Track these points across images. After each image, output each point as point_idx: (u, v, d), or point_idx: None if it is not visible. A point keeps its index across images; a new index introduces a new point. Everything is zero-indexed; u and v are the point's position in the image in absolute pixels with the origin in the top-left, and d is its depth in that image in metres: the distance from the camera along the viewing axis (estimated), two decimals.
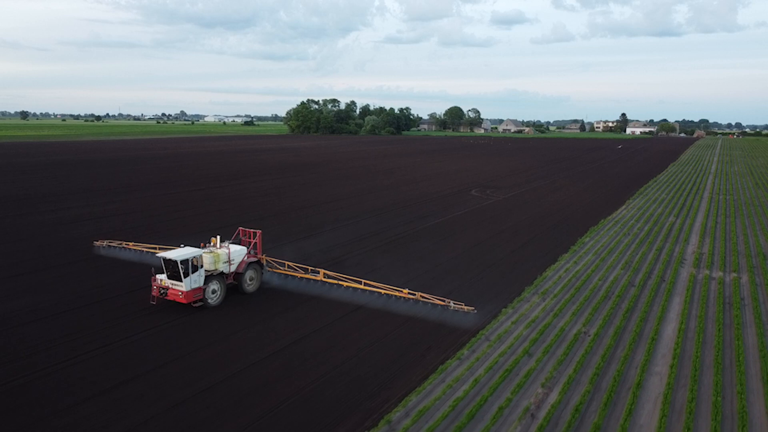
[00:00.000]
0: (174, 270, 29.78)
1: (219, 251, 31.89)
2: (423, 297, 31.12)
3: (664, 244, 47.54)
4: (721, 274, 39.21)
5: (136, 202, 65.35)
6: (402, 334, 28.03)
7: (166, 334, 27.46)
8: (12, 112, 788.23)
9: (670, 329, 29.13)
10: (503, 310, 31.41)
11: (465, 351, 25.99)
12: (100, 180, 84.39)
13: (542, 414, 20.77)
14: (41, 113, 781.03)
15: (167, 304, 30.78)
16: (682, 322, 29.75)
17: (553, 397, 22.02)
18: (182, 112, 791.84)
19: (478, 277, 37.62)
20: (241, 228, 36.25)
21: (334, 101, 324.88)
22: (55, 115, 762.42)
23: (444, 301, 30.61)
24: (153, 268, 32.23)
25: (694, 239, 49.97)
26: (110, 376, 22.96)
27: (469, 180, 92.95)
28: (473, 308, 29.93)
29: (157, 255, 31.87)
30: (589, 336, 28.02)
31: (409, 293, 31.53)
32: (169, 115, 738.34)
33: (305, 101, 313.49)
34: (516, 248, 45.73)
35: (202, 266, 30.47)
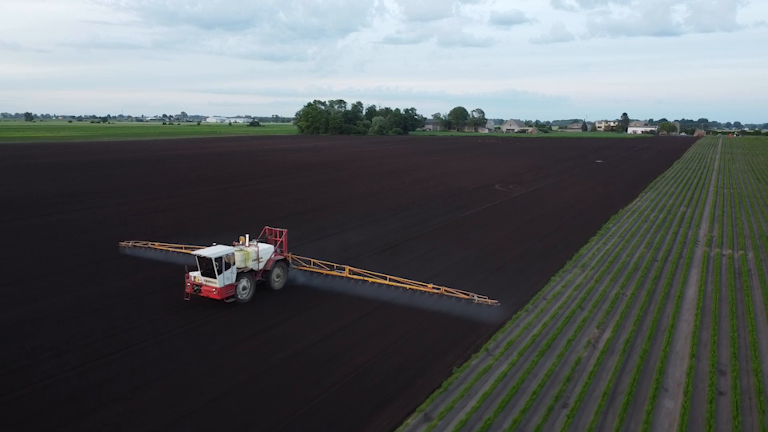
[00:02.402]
0: (208, 267, 30.79)
1: (248, 249, 32.99)
2: (447, 291, 32.29)
3: (678, 229, 54.00)
4: (730, 251, 45.68)
5: (186, 197, 71.81)
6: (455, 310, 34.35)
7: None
8: (12, 113, 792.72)
9: (692, 291, 35.52)
10: (552, 278, 37.79)
11: (529, 306, 32.38)
12: (145, 178, 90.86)
13: (601, 345, 27.14)
14: (42, 115, 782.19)
15: (200, 301, 31.92)
16: (701, 286, 36.17)
17: (607, 334, 28.40)
18: (183, 113, 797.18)
19: (523, 255, 44.01)
20: (267, 227, 37.26)
21: (341, 102, 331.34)
22: (56, 117, 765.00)
23: (468, 294, 31.84)
24: (186, 266, 33.41)
25: (705, 225, 56.45)
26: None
27: (488, 176, 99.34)
28: (496, 301, 31.29)
29: (192, 253, 32.84)
30: (626, 296, 34.37)
31: (433, 288, 32.59)
32: (170, 116, 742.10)
33: (312, 102, 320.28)
34: (549, 232, 52.15)
35: (233, 264, 31.55)
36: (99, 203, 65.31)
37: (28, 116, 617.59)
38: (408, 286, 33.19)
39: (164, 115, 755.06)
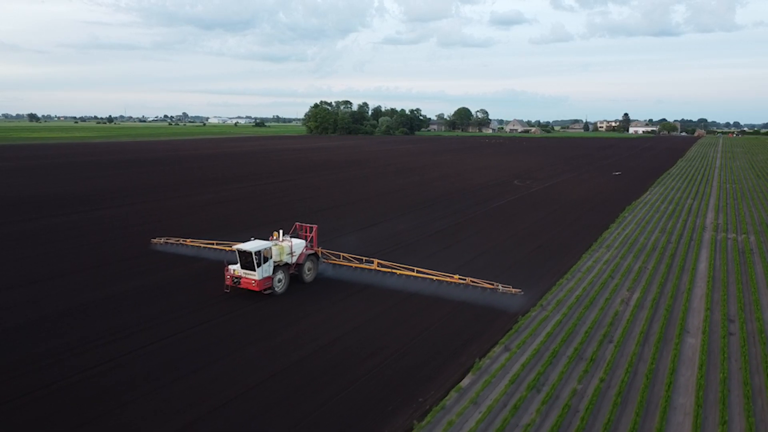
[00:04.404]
0: (248, 260, 32.66)
1: (283, 244, 34.82)
2: (473, 281, 33.94)
3: (687, 218, 60.40)
4: (734, 235, 52.05)
5: (231, 192, 78.20)
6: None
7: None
8: (14, 114, 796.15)
9: (703, 266, 41.83)
10: (582, 255, 44.11)
11: (568, 275, 38.70)
12: (179, 175, 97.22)
13: (632, 303, 33.42)
14: (43, 115, 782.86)
15: (239, 292, 33.84)
16: (711, 261, 42.51)
17: (636, 295, 34.70)
18: (185, 113, 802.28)
19: (555, 238, 50.33)
20: (297, 223, 39.47)
21: (347, 103, 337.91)
22: (58, 117, 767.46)
23: (492, 284, 33.55)
24: (226, 260, 36.21)
25: (711, 214, 62.85)
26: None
27: (504, 173, 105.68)
28: (520, 290, 33.07)
29: (233, 247, 34.65)
30: (648, 269, 40.66)
31: (459, 278, 34.21)
32: (172, 117, 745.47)
33: (318, 103, 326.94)
34: (573, 220, 58.51)
35: (270, 257, 33.42)
36: (137, 200, 71.53)
37: (33, 117, 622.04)
38: (435, 278, 34.84)
39: (166, 116, 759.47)
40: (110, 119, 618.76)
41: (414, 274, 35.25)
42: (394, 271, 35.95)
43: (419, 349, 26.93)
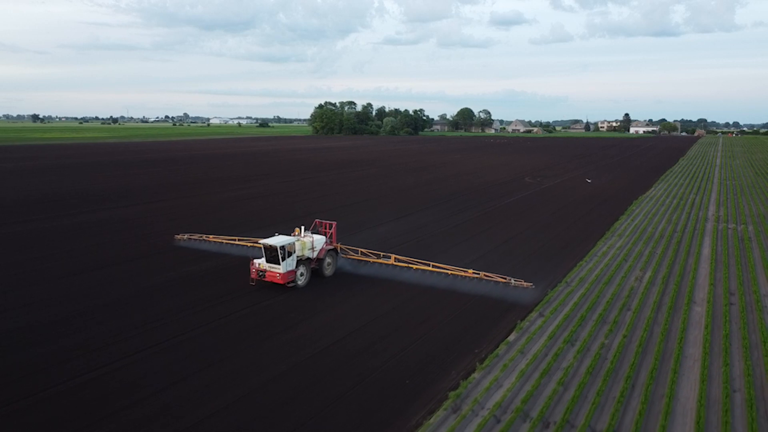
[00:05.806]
0: (273, 255, 34.12)
1: (305, 239, 36.20)
2: (486, 276, 35.55)
3: (691, 210, 65.13)
4: (734, 225, 56.77)
5: (256, 189, 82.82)
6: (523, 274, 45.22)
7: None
8: (15, 115, 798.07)
9: (707, 251, 46.50)
10: (597, 243, 48.78)
11: (587, 258, 43.38)
12: (205, 173, 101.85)
13: (645, 280, 38.09)
14: (45, 116, 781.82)
15: (264, 285, 35.48)
16: (713, 247, 47.20)
17: (648, 275, 39.36)
18: (186, 114, 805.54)
19: (569, 228, 55.00)
20: (317, 220, 40.93)
21: (351, 103, 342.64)
22: (59, 118, 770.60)
23: (505, 278, 35.15)
24: (251, 255, 38.14)
25: (712, 207, 67.57)
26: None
27: (515, 171, 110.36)
28: (531, 284, 34.62)
29: (259, 242, 35.92)
30: (657, 254, 45.32)
31: (473, 273, 35.72)
32: (173, 117, 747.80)
33: (323, 104, 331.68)
34: (585, 213, 63.21)
35: (294, 252, 34.97)
36: (160, 197, 76.11)
37: (36, 117, 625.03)
38: (450, 272, 36.40)
39: (167, 117, 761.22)
40: (115, 120, 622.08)
41: (430, 268, 37.02)
42: (410, 265, 37.50)
43: (459, 321, 31.06)
